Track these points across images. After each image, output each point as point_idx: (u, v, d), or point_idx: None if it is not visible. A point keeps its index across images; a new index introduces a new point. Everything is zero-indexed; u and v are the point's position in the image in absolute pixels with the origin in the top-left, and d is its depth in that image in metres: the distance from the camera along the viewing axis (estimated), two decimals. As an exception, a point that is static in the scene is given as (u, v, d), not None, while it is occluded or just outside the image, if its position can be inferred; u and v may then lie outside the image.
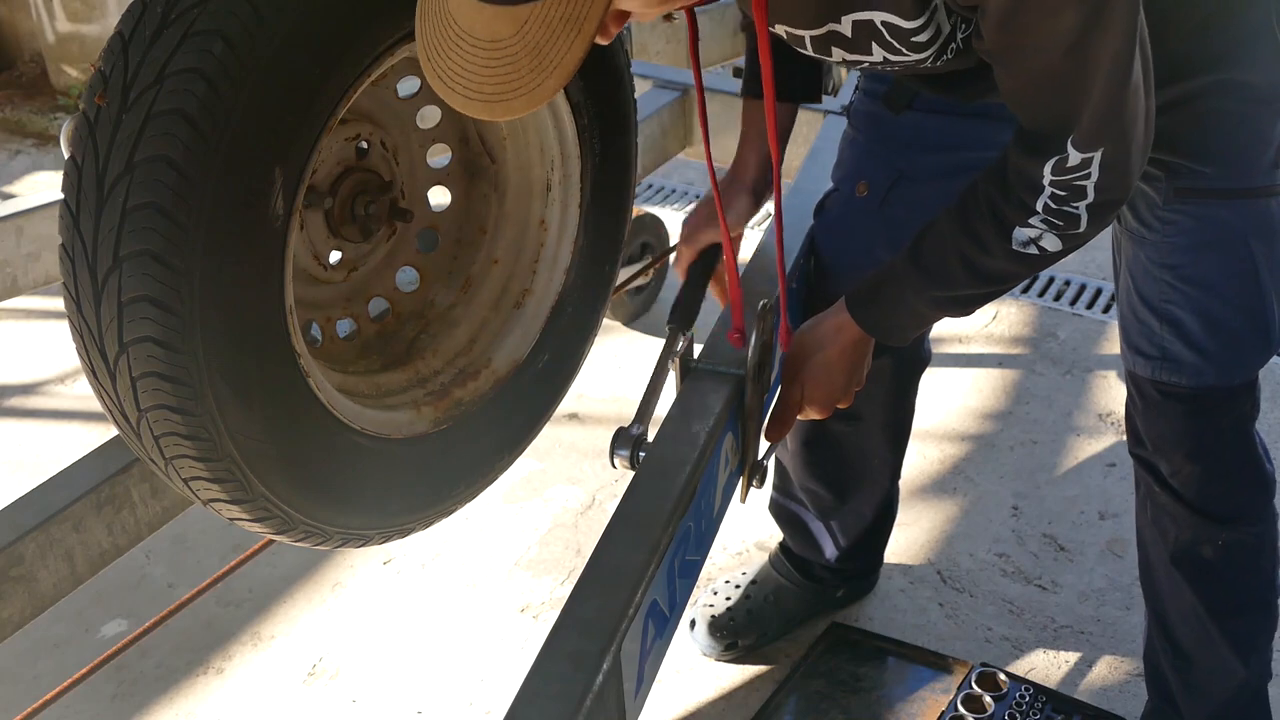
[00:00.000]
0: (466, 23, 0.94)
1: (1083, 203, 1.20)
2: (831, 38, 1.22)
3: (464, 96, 0.97)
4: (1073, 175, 1.18)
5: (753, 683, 2.01)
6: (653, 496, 1.28)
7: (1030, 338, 2.96)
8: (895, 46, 1.19)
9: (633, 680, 1.16)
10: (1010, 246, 1.26)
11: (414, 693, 2.02)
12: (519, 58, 0.94)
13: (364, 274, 1.51)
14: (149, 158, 1.04)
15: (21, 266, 1.93)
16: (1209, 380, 1.49)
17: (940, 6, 1.15)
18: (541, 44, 0.93)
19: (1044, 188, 1.20)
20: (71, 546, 1.36)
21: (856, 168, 1.70)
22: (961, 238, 1.29)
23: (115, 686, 2.04)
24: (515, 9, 0.92)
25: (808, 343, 1.47)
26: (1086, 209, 1.21)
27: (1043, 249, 1.25)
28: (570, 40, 0.94)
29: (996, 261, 1.28)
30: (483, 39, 0.94)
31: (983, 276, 1.31)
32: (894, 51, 1.20)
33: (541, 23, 0.92)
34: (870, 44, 1.20)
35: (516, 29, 0.93)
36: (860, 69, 1.28)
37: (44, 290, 1.99)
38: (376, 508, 1.37)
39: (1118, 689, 1.98)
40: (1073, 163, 1.17)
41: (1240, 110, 1.38)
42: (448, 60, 0.96)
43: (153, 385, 1.09)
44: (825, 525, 2.03)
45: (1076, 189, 1.19)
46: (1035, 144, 1.19)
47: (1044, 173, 1.19)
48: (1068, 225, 1.22)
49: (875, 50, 1.21)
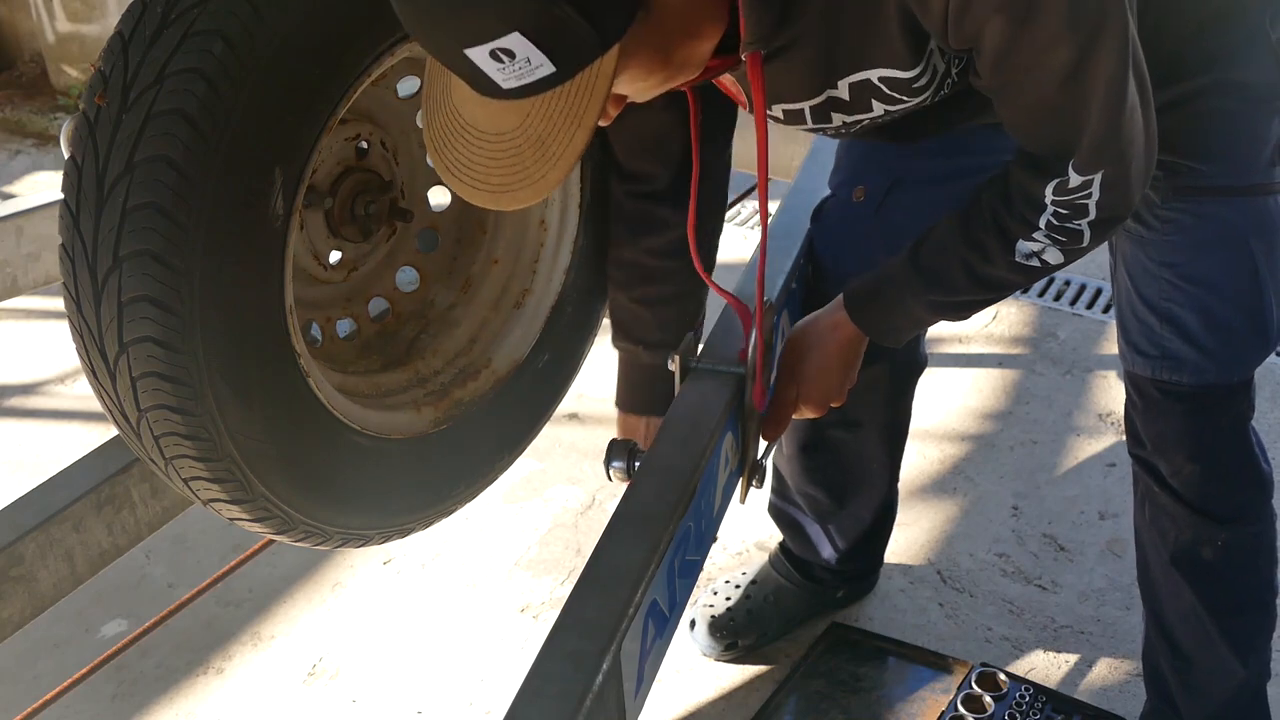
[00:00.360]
0: (471, 116, 0.99)
1: (1085, 220, 1.22)
2: (830, 104, 1.23)
3: (470, 186, 1.01)
4: (1075, 195, 1.19)
5: (753, 683, 2.01)
6: (653, 496, 1.28)
7: (1030, 338, 2.96)
8: (895, 98, 1.20)
9: (633, 680, 1.16)
10: (1013, 258, 1.28)
11: (414, 693, 2.02)
12: (523, 149, 0.98)
13: (364, 274, 1.51)
14: (149, 158, 1.04)
15: (21, 266, 1.93)
16: (1210, 378, 1.49)
17: (935, 49, 1.15)
18: (545, 136, 0.97)
19: (1046, 205, 1.21)
20: (71, 546, 1.36)
21: (853, 173, 1.71)
22: (965, 246, 1.30)
23: (115, 686, 2.04)
24: (518, 103, 0.96)
25: (803, 340, 1.48)
26: (1089, 225, 1.23)
27: (1045, 261, 1.27)
28: (572, 132, 0.97)
29: (998, 271, 1.30)
30: (488, 131, 0.98)
31: (984, 284, 1.33)
32: (894, 103, 1.21)
33: (543, 116, 0.96)
34: (870, 101, 1.21)
35: (520, 121, 0.97)
36: (854, 131, 1.30)
37: (44, 290, 1.98)
38: (376, 508, 1.37)
39: (1118, 689, 1.98)
40: (1074, 184, 1.18)
41: (1238, 109, 1.38)
42: (455, 151, 1.00)
43: (153, 385, 1.09)
44: (824, 529, 2.03)
45: (1079, 207, 1.21)
46: (1036, 165, 1.20)
47: (1046, 192, 1.20)
48: (1071, 241, 1.24)
49: (875, 106, 1.22)
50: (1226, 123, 1.38)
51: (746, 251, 2.77)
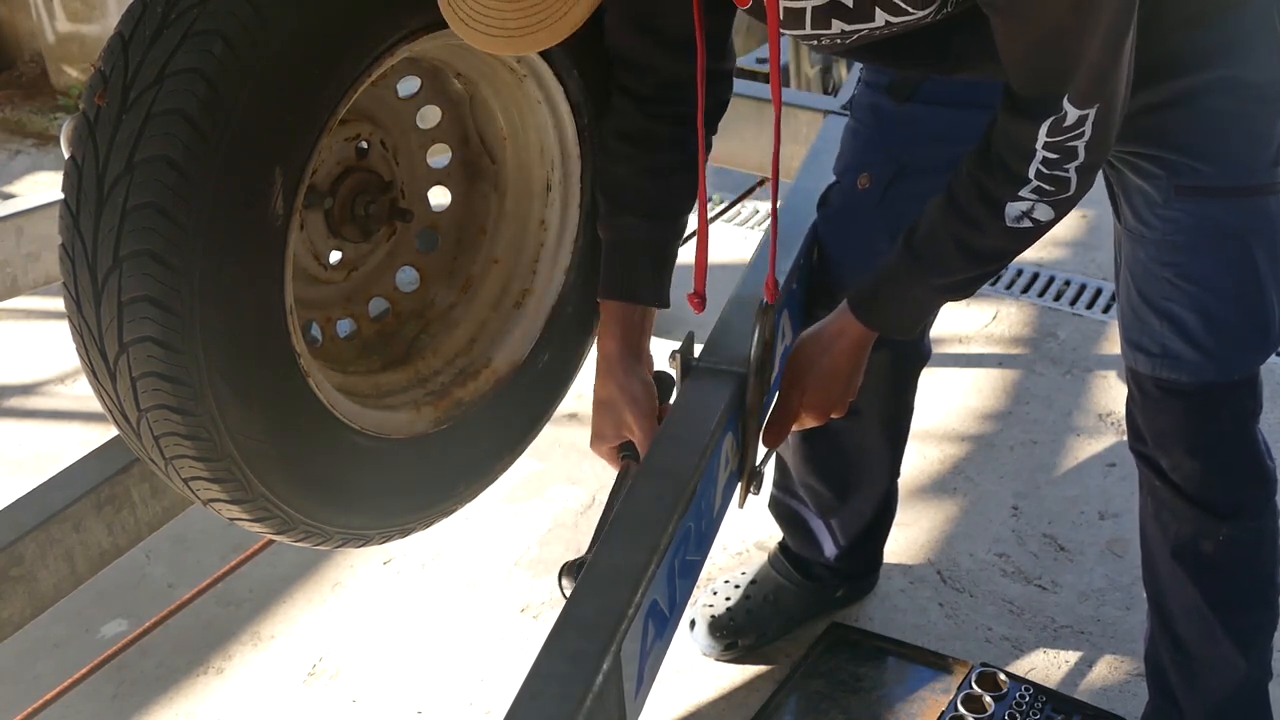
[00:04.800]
0: None
1: (1073, 164, 1.22)
2: (833, 9, 1.21)
3: (485, 34, 0.97)
4: (1067, 135, 1.19)
5: (753, 683, 2.01)
6: (653, 496, 1.28)
7: (1030, 338, 2.96)
8: (900, 8, 1.18)
9: (633, 680, 1.16)
10: (1004, 223, 1.28)
11: (414, 693, 2.02)
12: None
13: (364, 274, 1.51)
14: (149, 158, 1.04)
15: (21, 266, 1.93)
16: (1209, 377, 1.49)
17: None
18: None
19: (1035, 152, 1.21)
20: (71, 546, 1.36)
21: (859, 160, 1.70)
22: (955, 223, 1.30)
23: (115, 686, 2.04)
24: None
25: (809, 349, 1.48)
26: (1076, 170, 1.22)
27: (1036, 220, 1.27)
28: None
29: (992, 240, 1.30)
30: None
31: (980, 258, 1.33)
32: (897, 13, 1.19)
33: None
34: (873, 9, 1.19)
35: None
36: (850, 42, 1.27)
37: (44, 290, 1.99)
38: (376, 508, 1.37)
39: (1118, 689, 1.97)
40: (1069, 121, 1.18)
41: (1241, 109, 1.38)
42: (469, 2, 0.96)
43: (153, 385, 1.09)
44: (825, 523, 2.03)
45: (1068, 150, 1.20)
46: (1029, 107, 1.19)
47: (1039, 135, 1.19)
48: (1059, 190, 1.24)
49: (878, 15, 1.20)
50: (1230, 123, 1.38)
51: (747, 251, 2.77)
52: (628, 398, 1.44)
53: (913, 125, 1.60)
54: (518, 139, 1.54)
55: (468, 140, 1.57)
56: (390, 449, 1.38)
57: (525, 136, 1.53)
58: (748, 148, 2.29)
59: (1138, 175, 1.43)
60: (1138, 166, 1.42)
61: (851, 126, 1.74)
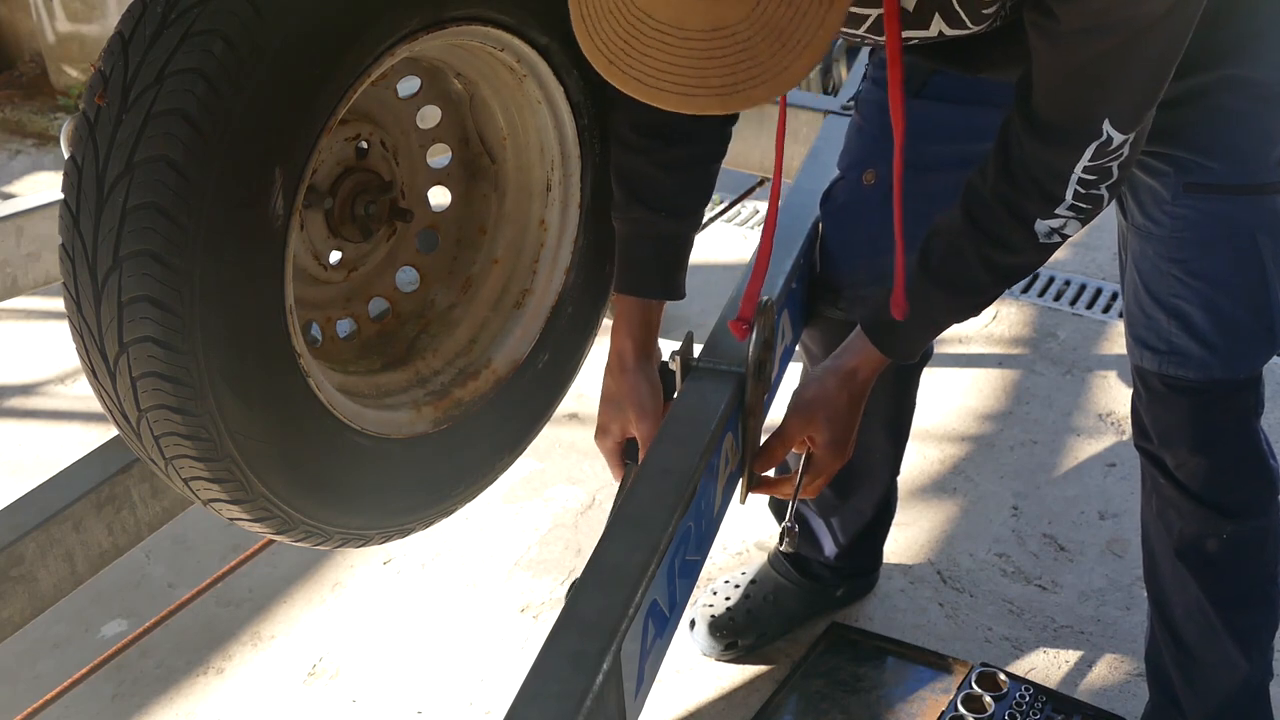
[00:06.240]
0: (671, 15, 0.88)
1: (1107, 183, 1.23)
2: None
3: (680, 95, 0.91)
4: (1108, 158, 1.19)
5: (753, 683, 2.01)
6: (653, 496, 1.28)
7: (1030, 338, 2.96)
8: (960, 19, 1.17)
9: (633, 680, 1.16)
10: (1036, 241, 1.28)
11: (414, 693, 2.02)
12: (754, 42, 0.88)
13: (364, 274, 1.51)
14: (149, 158, 1.03)
15: (21, 266, 1.93)
16: (1215, 374, 1.50)
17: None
18: (783, 24, 0.88)
19: (1073, 176, 1.20)
20: (71, 546, 1.36)
21: (864, 156, 1.70)
22: (982, 244, 1.30)
23: (115, 686, 2.04)
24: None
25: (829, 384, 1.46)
26: (1108, 188, 1.23)
27: (1064, 235, 1.28)
28: (823, 13, 0.88)
29: (1022, 258, 1.31)
30: (697, 29, 0.88)
31: (1008, 275, 1.35)
32: (956, 24, 1.18)
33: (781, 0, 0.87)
34: (932, 16, 1.18)
35: (747, 11, 0.87)
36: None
37: (44, 290, 1.99)
38: (377, 508, 1.37)
39: (1118, 689, 1.98)
40: (1115, 144, 1.17)
41: (1249, 107, 1.38)
42: (644, 58, 0.90)
43: (153, 385, 1.09)
44: (825, 522, 2.03)
45: (1105, 171, 1.21)
46: (1064, 135, 1.19)
47: (1080, 160, 1.19)
48: (1093, 207, 1.25)
49: (934, 24, 1.18)
50: (1237, 121, 1.38)
51: (747, 251, 2.77)
52: (636, 397, 1.47)
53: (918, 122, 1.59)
54: (518, 139, 1.54)
55: (468, 140, 1.57)
56: (390, 449, 1.37)
57: (525, 136, 1.53)
58: (748, 148, 2.29)
59: (1146, 172, 1.43)
60: (1146, 164, 1.42)
61: (856, 123, 1.74)
